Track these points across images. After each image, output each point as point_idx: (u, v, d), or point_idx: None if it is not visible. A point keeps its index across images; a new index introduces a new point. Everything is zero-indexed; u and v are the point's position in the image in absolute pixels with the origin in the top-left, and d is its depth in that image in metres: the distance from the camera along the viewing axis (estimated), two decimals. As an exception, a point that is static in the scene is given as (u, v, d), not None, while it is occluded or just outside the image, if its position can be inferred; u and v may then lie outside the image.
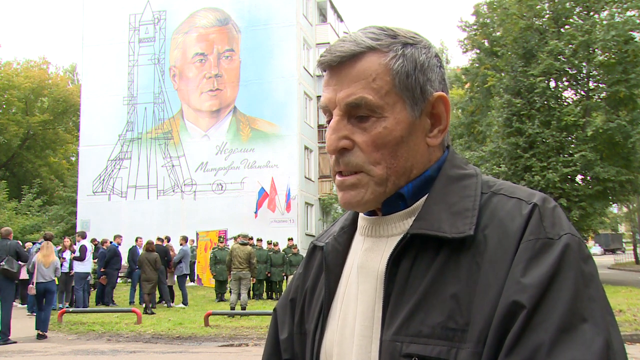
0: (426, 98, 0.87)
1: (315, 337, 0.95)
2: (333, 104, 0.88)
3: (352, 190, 0.87)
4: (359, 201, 0.87)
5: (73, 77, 45.02)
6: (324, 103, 0.90)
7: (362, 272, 0.90)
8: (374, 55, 0.85)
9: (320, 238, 1.05)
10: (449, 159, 0.91)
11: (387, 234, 0.90)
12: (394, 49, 0.86)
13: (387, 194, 0.87)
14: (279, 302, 1.10)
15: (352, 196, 0.87)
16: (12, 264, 9.40)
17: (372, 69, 0.85)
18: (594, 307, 0.72)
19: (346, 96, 0.85)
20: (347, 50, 0.85)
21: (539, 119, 19.80)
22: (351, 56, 0.85)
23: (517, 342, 0.70)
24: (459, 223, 0.81)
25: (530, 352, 0.69)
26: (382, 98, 0.84)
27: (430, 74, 0.88)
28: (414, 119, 0.86)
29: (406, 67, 0.86)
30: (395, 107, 0.85)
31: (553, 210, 0.80)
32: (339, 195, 0.90)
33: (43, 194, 32.59)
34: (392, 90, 0.85)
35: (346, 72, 0.86)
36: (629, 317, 10.19)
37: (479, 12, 25.43)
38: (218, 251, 15.98)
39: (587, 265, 0.75)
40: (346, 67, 0.86)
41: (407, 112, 0.86)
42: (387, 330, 0.81)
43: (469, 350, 0.74)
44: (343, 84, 0.86)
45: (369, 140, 0.85)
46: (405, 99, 0.86)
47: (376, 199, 0.87)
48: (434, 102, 0.88)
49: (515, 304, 0.72)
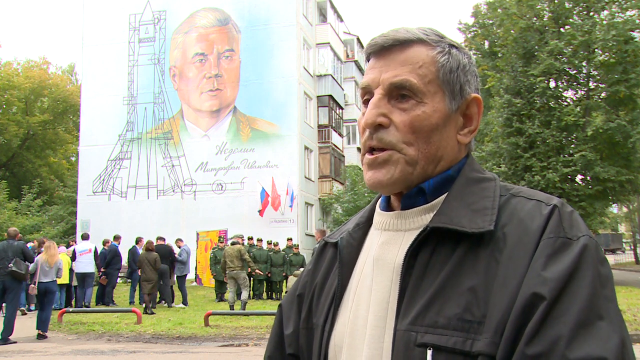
0: (464, 96, 0.92)
1: (324, 329, 0.95)
2: (376, 83, 0.91)
3: (382, 167, 0.89)
4: (389, 179, 0.89)
5: (72, 77, 44.97)
6: (366, 82, 0.92)
7: (378, 264, 0.91)
8: (423, 47, 0.91)
9: (332, 235, 1.06)
10: (469, 162, 0.95)
11: (405, 227, 0.92)
12: (441, 45, 0.92)
13: (413, 177, 0.89)
14: (285, 298, 1.11)
15: (382, 174, 0.89)
16: (20, 266, 9.39)
17: (420, 57, 0.90)
18: (610, 307, 0.74)
19: (392, 76, 0.89)
20: (401, 36, 0.90)
21: (539, 119, 19.79)
22: (403, 41, 0.90)
23: (537, 333, 0.72)
24: (478, 220, 0.84)
25: (549, 344, 0.71)
26: (425, 85, 0.89)
27: (469, 76, 0.94)
28: (450, 112, 0.91)
29: (451, 64, 0.91)
30: (436, 96, 0.89)
31: (571, 213, 0.83)
32: (366, 176, 0.92)
33: (43, 194, 32.56)
34: (435, 81, 0.90)
35: (394, 56, 0.90)
36: (629, 317, 10.22)
37: (479, 13, 25.43)
38: (218, 251, 15.97)
39: (603, 267, 0.78)
40: (395, 51, 0.91)
41: (446, 104, 0.90)
42: (402, 321, 0.83)
43: (487, 340, 0.75)
44: (390, 67, 0.90)
45: (407, 121, 0.88)
46: (446, 91, 0.90)
47: (403, 179, 0.89)
48: (469, 102, 0.93)
49: (536, 296, 0.74)
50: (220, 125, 25.00)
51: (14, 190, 31.93)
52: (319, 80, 27.06)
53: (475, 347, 0.76)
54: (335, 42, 29.10)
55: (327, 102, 27.13)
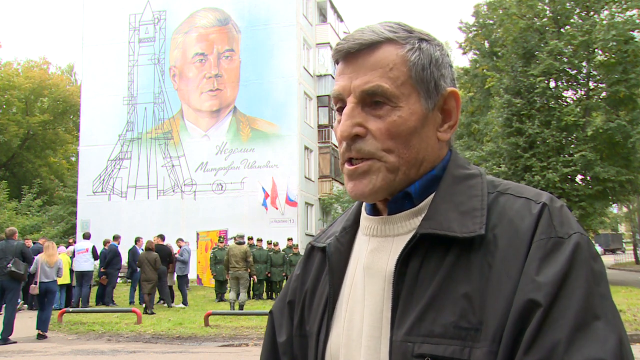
0: (439, 92, 0.88)
1: (319, 339, 0.93)
2: (347, 92, 0.87)
3: (363, 178, 0.86)
4: (371, 189, 0.86)
5: (71, 77, 44.95)
6: (337, 91, 0.89)
7: (369, 273, 0.89)
8: (392, 46, 0.86)
9: (318, 239, 1.03)
10: (452, 159, 0.92)
11: (393, 233, 0.89)
12: (410, 42, 0.87)
13: (396, 184, 0.87)
14: (275, 305, 1.09)
15: (364, 185, 0.86)
16: (18, 266, 9.37)
17: (390, 58, 0.85)
18: (606, 305, 0.74)
19: (363, 83, 0.85)
20: (367, 38, 0.86)
21: (539, 119, 19.78)
22: (369, 44, 0.86)
23: (535, 340, 0.71)
24: (468, 223, 0.82)
25: (548, 351, 0.70)
26: (398, 88, 0.85)
27: (443, 70, 0.89)
28: (427, 111, 0.87)
29: (422, 60, 0.87)
30: (410, 98, 0.86)
31: (561, 209, 0.82)
32: (348, 186, 0.89)
33: (43, 194, 32.54)
34: (407, 81, 0.86)
35: (363, 61, 0.86)
36: (629, 317, 10.20)
37: (479, 13, 25.43)
38: (218, 251, 15.98)
39: (596, 264, 0.77)
40: (363, 55, 0.86)
41: (422, 104, 0.87)
42: (397, 331, 0.81)
43: (485, 349, 0.74)
44: (359, 72, 0.86)
45: (383, 128, 0.84)
46: (420, 91, 0.87)
47: (386, 187, 0.86)
48: (446, 98, 0.89)
49: (532, 302, 0.73)
50: (220, 125, 25.00)
51: (14, 190, 31.93)
52: (319, 80, 27.06)
53: (473, 355, 0.75)
54: (335, 42, 28.92)
55: (327, 102, 27.13)
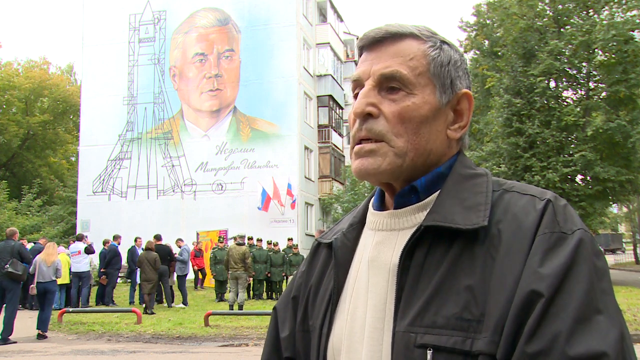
0: (454, 91, 0.92)
1: (322, 332, 0.95)
2: (367, 75, 0.91)
3: (370, 157, 0.89)
4: (376, 169, 0.88)
5: (71, 77, 44.93)
6: (357, 75, 0.93)
7: (374, 265, 0.91)
8: (415, 41, 0.91)
9: (324, 235, 1.05)
10: (459, 159, 0.94)
11: (399, 227, 0.91)
12: (433, 40, 0.92)
13: (402, 169, 0.89)
14: (280, 301, 1.10)
15: (369, 163, 0.89)
16: (16, 266, 9.37)
17: (412, 50, 0.90)
18: (607, 300, 0.75)
19: (382, 67, 0.89)
20: (393, 29, 0.91)
21: (539, 119, 19.78)
22: (394, 34, 0.91)
23: (536, 330, 0.72)
24: (472, 216, 0.83)
25: (549, 341, 0.71)
26: (416, 77, 0.89)
27: (460, 72, 0.94)
28: (440, 105, 0.90)
29: (442, 58, 0.91)
30: (426, 89, 0.89)
31: (565, 207, 0.83)
32: (354, 165, 0.92)
33: (43, 194, 32.52)
34: (425, 73, 0.90)
35: (386, 49, 0.91)
36: (629, 317, 10.21)
37: (480, 12, 25.43)
38: (218, 251, 15.99)
39: (599, 260, 0.78)
40: (387, 44, 0.91)
41: (436, 97, 0.90)
42: (400, 322, 0.82)
43: (487, 340, 0.75)
44: (381, 59, 0.90)
45: (395, 112, 0.88)
46: (436, 84, 0.90)
47: (392, 171, 0.89)
48: (460, 98, 0.93)
49: (534, 293, 0.74)
50: (220, 125, 25.00)
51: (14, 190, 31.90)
52: (319, 80, 27.06)
53: (475, 346, 0.75)
54: (335, 42, 29.10)
55: (327, 102, 27.14)
